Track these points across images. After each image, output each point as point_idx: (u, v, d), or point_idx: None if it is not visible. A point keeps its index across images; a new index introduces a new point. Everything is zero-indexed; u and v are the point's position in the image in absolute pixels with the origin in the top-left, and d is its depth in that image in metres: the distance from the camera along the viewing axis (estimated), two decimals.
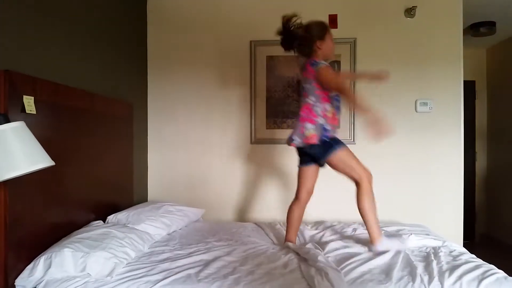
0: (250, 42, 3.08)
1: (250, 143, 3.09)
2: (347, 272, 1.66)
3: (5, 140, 1.30)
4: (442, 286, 1.49)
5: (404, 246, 1.94)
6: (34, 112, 1.67)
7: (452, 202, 2.95)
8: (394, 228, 2.46)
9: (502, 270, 1.64)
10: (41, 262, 1.58)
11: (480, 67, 4.58)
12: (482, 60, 4.58)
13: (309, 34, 1.98)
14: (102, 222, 2.19)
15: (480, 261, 1.78)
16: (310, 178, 2.10)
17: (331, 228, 2.48)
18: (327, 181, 2.44)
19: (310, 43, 1.99)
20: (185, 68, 3.14)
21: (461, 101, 2.96)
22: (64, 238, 1.80)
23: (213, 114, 3.13)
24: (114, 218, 2.24)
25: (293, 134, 2.03)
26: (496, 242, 4.30)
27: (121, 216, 2.25)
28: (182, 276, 1.62)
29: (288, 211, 2.16)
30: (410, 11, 2.92)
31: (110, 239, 1.81)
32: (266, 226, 2.60)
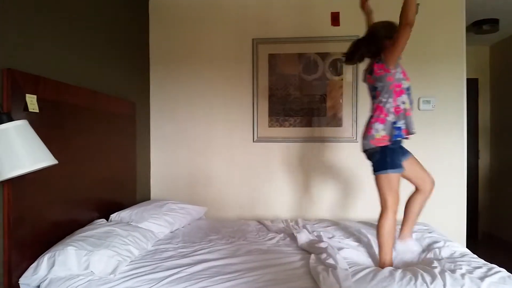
0: (252, 40, 3.07)
1: (253, 141, 3.09)
2: (353, 272, 1.65)
3: (8, 138, 1.30)
4: (444, 285, 1.48)
5: (413, 256, 1.96)
6: (37, 110, 1.67)
7: (455, 200, 2.94)
8: (397, 227, 2.44)
9: (505, 268, 1.64)
10: (44, 261, 1.58)
11: (483, 65, 4.54)
12: (485, 57, 4.55)
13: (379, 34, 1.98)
14: (105, 220, 2.20)
15: (482, 260, 1.77)
16: (414, 167, 2.03)
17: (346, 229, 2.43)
18: (327, 181, 2.44)
19: (378, 42, 1.96)
20: (187, 66, 3.14)
21: (464, 99, 2.95)
22: (67, 236, 1.81)
23: (215, 112, 3.13)
24: (117, 216, 2.25)
25: (362, 139, 1.97)
26: (499, 240, 4.28)
27: (124, 214, 2.26)
28: (186, 274, 1.63)
29: (407, 203, 2.09)
30: None
31: (113, 237, 1.82)
32: (269, 223, 2.60)
